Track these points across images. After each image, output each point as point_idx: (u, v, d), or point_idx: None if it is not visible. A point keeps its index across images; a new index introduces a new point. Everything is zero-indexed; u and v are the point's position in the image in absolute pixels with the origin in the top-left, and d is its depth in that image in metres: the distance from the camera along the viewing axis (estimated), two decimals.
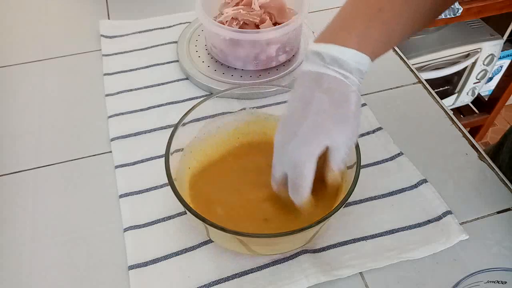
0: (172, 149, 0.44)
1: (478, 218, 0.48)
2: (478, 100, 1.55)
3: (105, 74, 0.64)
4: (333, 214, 0.39)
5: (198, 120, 0.48)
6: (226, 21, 0.60)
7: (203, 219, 0.39)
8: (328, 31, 0.40)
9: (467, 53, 1.32)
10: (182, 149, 0.47)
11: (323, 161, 0.40)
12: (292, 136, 0.38)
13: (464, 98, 1.49)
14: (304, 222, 0.39)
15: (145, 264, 0.44)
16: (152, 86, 0.62)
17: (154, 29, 0.71)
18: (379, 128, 0.56)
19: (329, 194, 0.45)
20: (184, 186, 0.46)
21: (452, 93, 1.47)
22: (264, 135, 0.51)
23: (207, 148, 0.50)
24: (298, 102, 0.39)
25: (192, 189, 0.47)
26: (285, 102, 0.42)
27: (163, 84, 0.63)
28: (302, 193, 0.39)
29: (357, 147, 0.43)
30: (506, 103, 1.51)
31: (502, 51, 1.38)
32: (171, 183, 0.41)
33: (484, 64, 1.37)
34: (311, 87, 0.38)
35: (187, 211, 0.40)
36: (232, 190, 0.47)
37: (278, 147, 0.40)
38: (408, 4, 0.40)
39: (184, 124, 0.46)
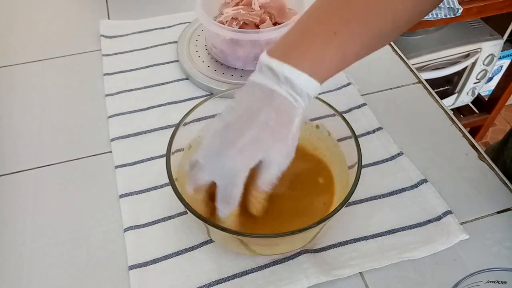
0: (173, 149, 0.44)
1: (478, 218, 0.48)
2: (478, 100, 1.55)
3: (105, 74, 0.64)
4: (333, 214, 0.39)
5: (198, 120, 0.48)
6: (226, 21, 0.60)
7: (203, 219, 0.39)
8: (283, 47, 0.39)
9: (467, 53, 1.31)
10: (183, 149, 0.47)
11: (250, 180, 0.39)
12: (230, 145, 0.38)
13: (464, 98, 1.49)
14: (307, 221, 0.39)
15: (145, 264, 0.44)
16: (152, 86, 0.62)
17: (154, 29, 0.71)
18: (379, 128, 0.56)
19: (325, 196, 0.46)
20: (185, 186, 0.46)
21: (452, 93, 1.47)
22: None
23: None
24: (244, 111, 0.39)
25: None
26: None
27: (163, 84, 0.63)
28: (232, 202, 0.39)
29: (358, 147, 0.43)
30: (506, 103, 1.51)
31: (502, 51, 1.38)
32: (172, 183, 0.41)
33: (484, 64, 1.37)
34: (261, 101, 0.38)
35: (188, 211, 0.40)
36: None
37: (211, 153, 0.39)
38: (365, 27, 0.38)
39: (185, 124, 0.46)
